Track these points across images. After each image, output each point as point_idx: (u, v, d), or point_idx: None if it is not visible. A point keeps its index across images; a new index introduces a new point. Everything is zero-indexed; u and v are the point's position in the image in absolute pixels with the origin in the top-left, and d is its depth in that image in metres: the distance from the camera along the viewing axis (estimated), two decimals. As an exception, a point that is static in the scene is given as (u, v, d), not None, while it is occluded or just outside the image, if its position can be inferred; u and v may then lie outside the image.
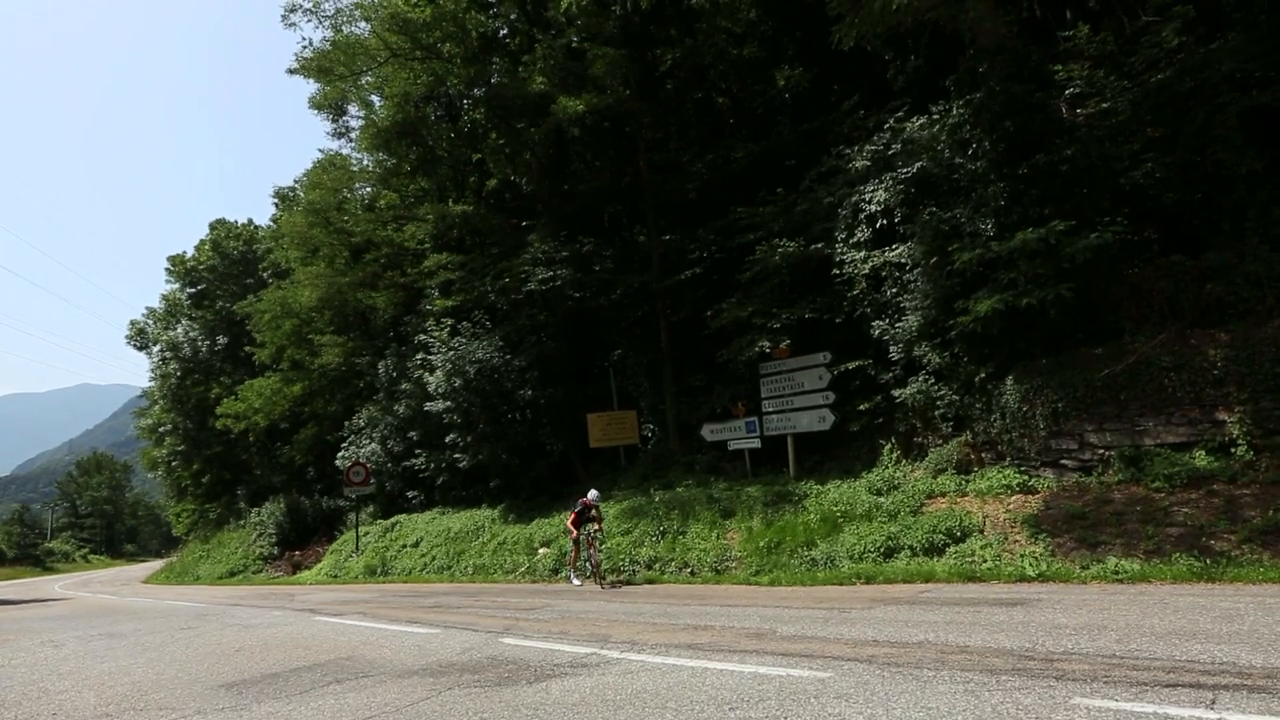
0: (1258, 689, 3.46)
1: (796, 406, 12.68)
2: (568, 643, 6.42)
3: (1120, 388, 8.16)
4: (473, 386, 17.39)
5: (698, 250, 15.31)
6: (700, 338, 15.12)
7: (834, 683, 4.27)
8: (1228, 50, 8.94)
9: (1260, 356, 7.23)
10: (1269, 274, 7.55)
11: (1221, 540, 6.72)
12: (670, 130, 19.33)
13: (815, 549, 9.72)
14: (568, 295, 17.12)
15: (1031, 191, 9.01)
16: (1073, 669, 4.09)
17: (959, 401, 9.90)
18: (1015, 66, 9.97)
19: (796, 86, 17.58)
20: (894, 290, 10.93)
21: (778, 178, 14.58)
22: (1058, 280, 8.39)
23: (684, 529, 11.86)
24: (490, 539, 16.32)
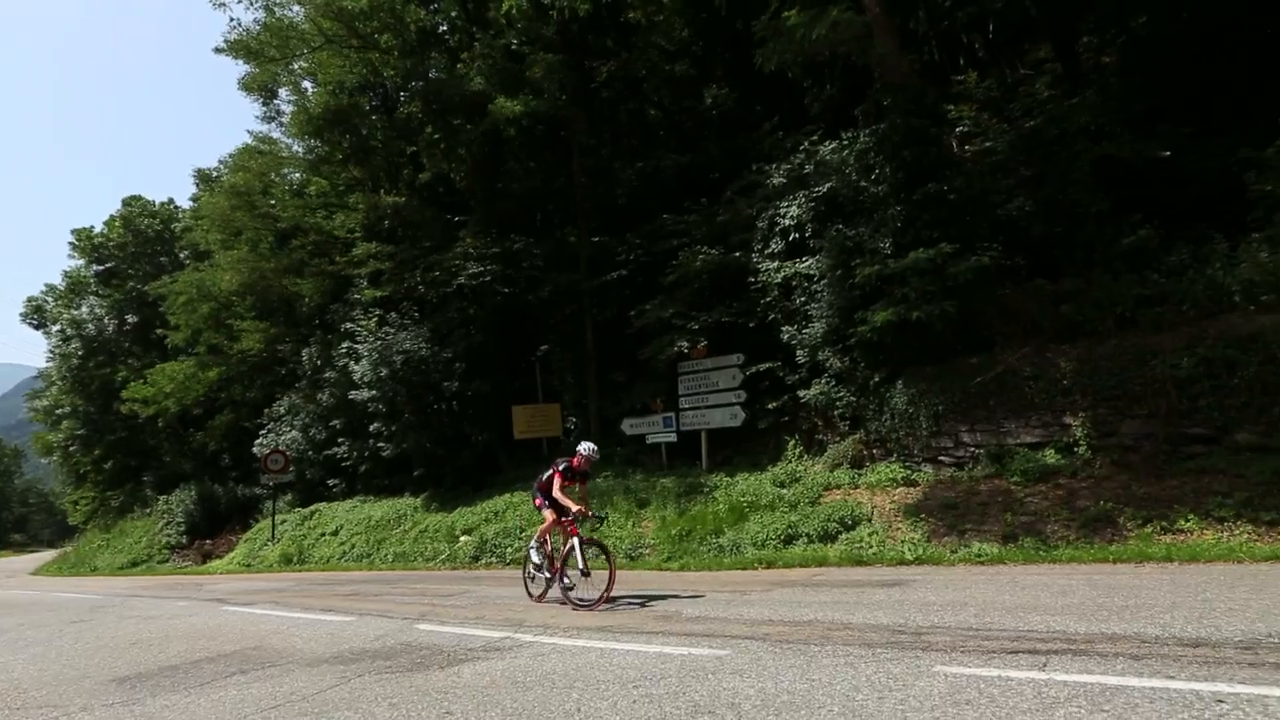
0: (1080, 652, 3.83)
1: (711, 404, 12.97)
2: (483, 628, 6.31)
3: (990, 394, 8.84)
4: (399, 377, 16.75)
5: (625, 253, 15.36)
6: (623, 336, 15.19)
7: (731, 659, 4.40)
8: (1085, 105, 9.84)
9: (1100, 370, 8.01)
10: (1109, 300, 8.37)
11: (1062, 527, 7.39)
12: (604, 137, 19.31)
13: (723, 537, 9.97)
14: (497, 291, 16.77)
15: (924, 216, 9.58)
16: (937, 641, 4.39)
17: (856, 403, 10.43)
18: (914, 103, 10.56)
19: (723, 105, 17.95)
20: (803, 299, 11.37)
21: (703, 189, 14.85)
22: (943, 297, 8.97)
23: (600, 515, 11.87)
24: (412, 527, 15.79)
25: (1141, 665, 3.52)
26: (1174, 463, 7.49)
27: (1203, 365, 7.34)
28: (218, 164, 33.12)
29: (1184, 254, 8.25)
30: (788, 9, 10.04)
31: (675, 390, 13.69)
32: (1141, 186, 9.41)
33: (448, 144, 20.21)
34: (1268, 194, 8.05)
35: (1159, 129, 9.40)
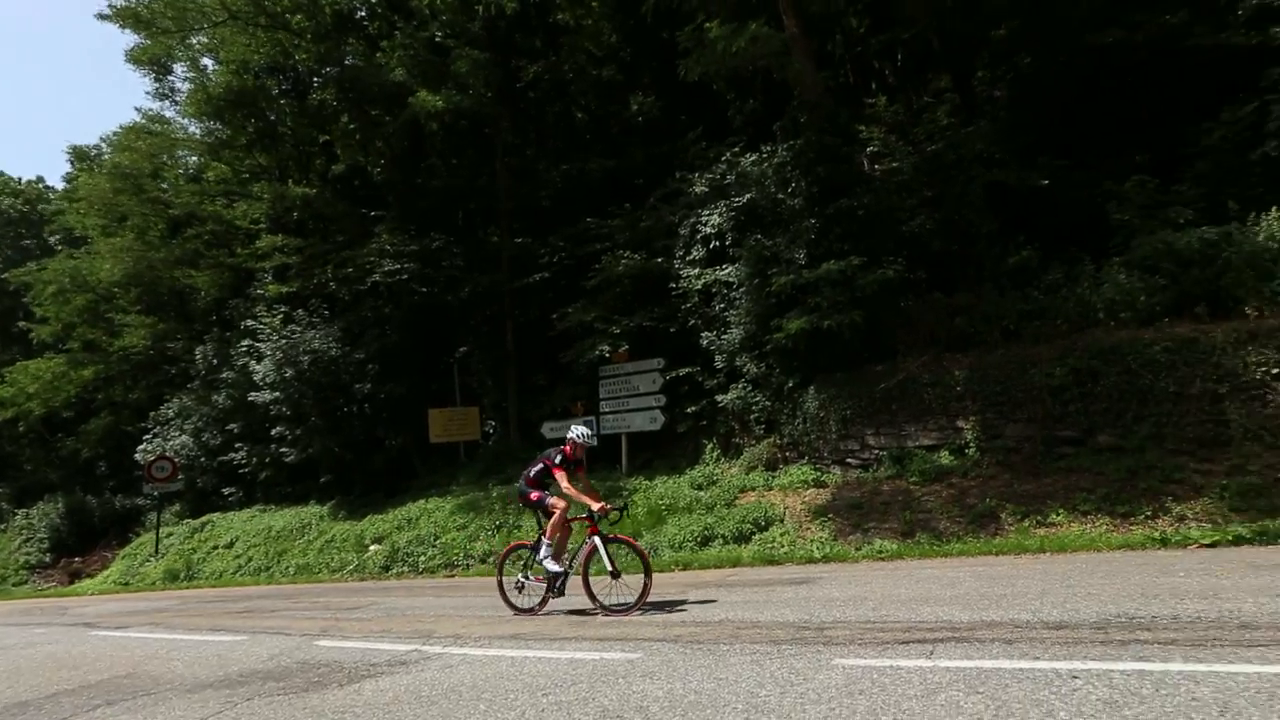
0: (963, 639, 4.12)
1: (631, 408, 13.06)
2: (389, 641, 6.04)
3: (893, 399, 9.38)
4: (306, 377, 15.84)
5: (548, 255, 15.24)
6: (545, 339, 15.05)
7: (642, 662, 4.43)
8: (979, 134, 10.66)
9: (988, 378, 8.69)
10: (997, 313, 9.11)
11: (953, 523, 7.96)
12: (529, 138, 19.09)
13: (641, 539, 10.01)
14: (415, 290, 16.21)
15: (836, 229, 10.07)
16: (838, 635, 4.60)
17: (770, 407, 10.81)
18: (829, 121, 11.09)
19: (649, 112, 18.17)
20: (722, 306, 11.67)
21: (627, 194, 14.96)
22: (852, 307, 9.45)
23: (519, 523, 11.68)
24: (317, 537, 14.92)
25: (1013, 649, 3.83)
26: (1048, 462, 8.22)
27: (1072, 375, 8.11)
28: (99, 141, 30.20)
29: (1059, 274, 9.09)
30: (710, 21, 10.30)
31: (596, 394, 13.69)
32: (1025, 211, 10.31)
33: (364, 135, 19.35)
34: (1126, 223, 9.03)
35: (1040, 160, 10.32)
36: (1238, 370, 7.35)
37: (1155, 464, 7.47)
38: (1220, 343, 7.50)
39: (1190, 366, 7.57)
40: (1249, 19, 9.14)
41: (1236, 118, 8.85)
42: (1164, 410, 7.66)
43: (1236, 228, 8.08)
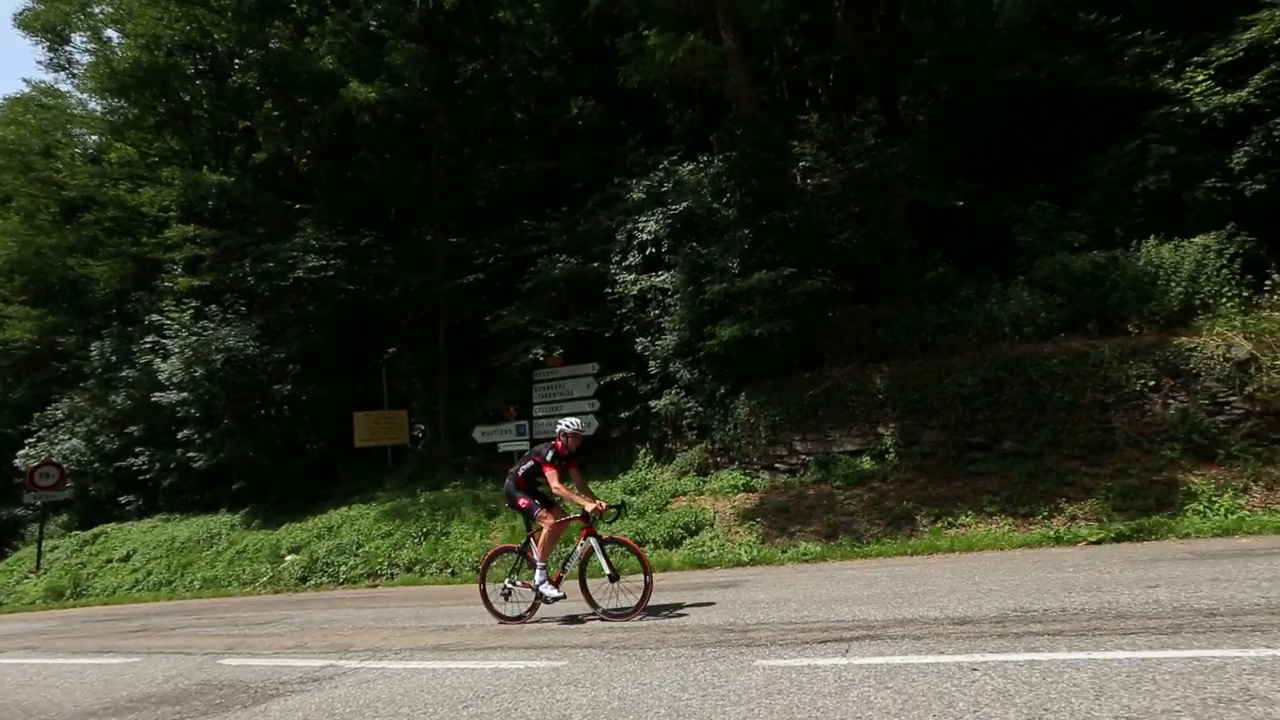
0: (877, 637, 4.31)
1: (565, 412, 12.83)
2: (302, 656, 5.74)
3: (819, 406, 9.74)
4: (219, 377, 14.88)
5: (483, 256, 14.96)
6: (478, 341, 14.74)
7: (567, 670, 4.39)
8: (902, 155, 11.25)
9: (907, 386, 9.16)
10: (915, 325, 9.63)
11: (873, 525, 8.32)
12: (467, 136, 18.70)
13: (569, 545, 9.96)
14: (342, 287, 15.53)
15: (768, 240, 10.37)
16: (761, 636, 4.71)
17: (703, 413, 10.99)
18: (763, 135, 11.40)
19: (589, 117, 18.17)
20: (657, 312, 11.78)
21: (565, 197, 14.88)
22: (783, 316, 9.74)
23: (448, 529, 11.38)
24: (227, 547, 14.01)
25: (922, 644, 4.03)
26: (959, 467, 8.73)
27: (981, 385, 8.66)
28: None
29: (971, 290, 9.70)
30: (650, 30, 10.42)
31: (530, 398, 13.53)
32: (942, 230, 10.94)
33: (290, 123, 18.41)
34: (1029, 244, 9.75)
35: (956, 182, 11.00)
36: (1121, 382, 8.05)
37: (1052, 468, 8.06)
38: (1107, 357, 8.20)
39: (1082, 378, 8.23)
40: (1133, 65, 10.06)
41: (1122, 154, 9.72)
42: (1060, 418, 8.29)
43: (1122, 253, 8.86)
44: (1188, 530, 6.62)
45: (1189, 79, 9.60)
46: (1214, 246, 8.43)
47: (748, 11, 10.96)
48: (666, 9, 10.87)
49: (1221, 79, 9.44)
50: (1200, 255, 8.42)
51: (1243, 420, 7.51)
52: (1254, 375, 7.55)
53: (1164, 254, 8.59)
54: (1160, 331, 8.35)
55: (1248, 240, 8.49)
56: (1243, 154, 9.16)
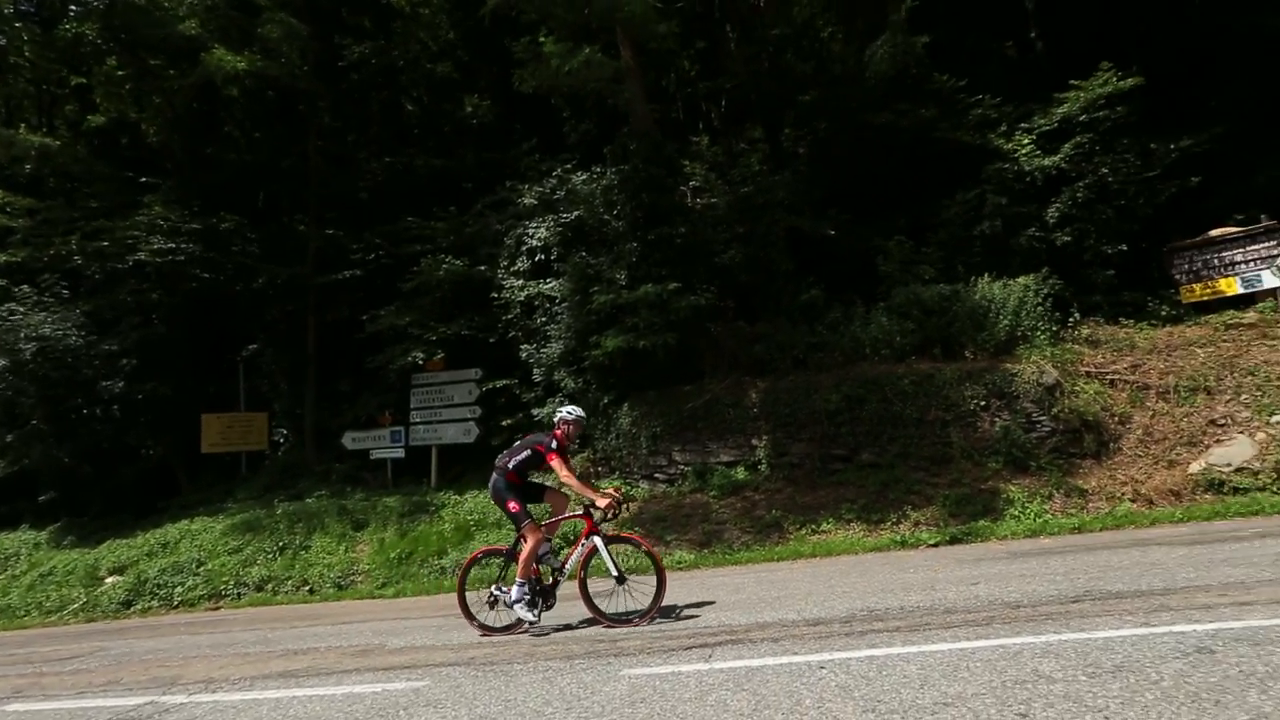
0: (739, 641, 4.49)
1: (444, 419, 12.48)
2: (115, 694, 5.02)
3: (698, 418, 10.06)
4: (28, 370, 12.78)
5: (362, 251, 14.07)
6: (353, 342, 13.82)
7: (428, 690, 4.18)
8: (782, 183, 11.98)
9: (779, 401, 9.71)
10: (789, 343, 10.26)
11: (743, 533, 8.70)
12: (351, 123, 17.54)
13: (446, 558, 9.57)
14: (194, 275, 13.96)
15: (656, 254, 10.60)
16: (630, 645, 4.75)
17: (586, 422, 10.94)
18: (656, 152, 11.69)
19: (484, 117, 17.74)
20: (543, 319, 11.65)
21: (454, 197, 14.37)
22: (667, 329, 9.98)
23: (308, 543, 10.51)
24: (27, 570, 12.02)
25: (779, 646, 4.25)
26: (823, 477, 9.36)
27: (844, 401, 9.36)
28: None
29: (838, 313, 10.49)
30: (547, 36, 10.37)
31: (407, 403, 12.86)
32: (815, 255, 11.77)
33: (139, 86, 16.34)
34: (889, 274, 10.73)
35: (829, 212, 11.88)
36: (959, 401, 9.03)
37: (901, 478, 8.85)
38: (948, 379, 9.17)
39: (928, 397, 9.14)
40: (975, 124, 11.44)
41: (965, 200, 11.00)
42: (909, 433, 9.13)
43: (963, 287, 9.98)
44: (1005, 533, 7.51)
45: (1017, 141, 11.07)
46: (1032, 286, 9.72)
47: (645, 31, 11.23)
48: (566, 18, 10.88)
49: (1042, 144, 10.97)
50: (1022, 293, 9.68)
51: (1049, 437, 8.68)
52: (1058, 398, 8.77)
53: (995, 290, 9.78)
54: (990, 358, 9.48)
55: (1057, 283, 9.89)
56: (1055, 209, 10.68)
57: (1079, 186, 10.54)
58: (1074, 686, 3.03)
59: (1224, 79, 11.71)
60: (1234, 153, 10.83)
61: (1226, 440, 8.01)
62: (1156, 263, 10.74)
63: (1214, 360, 8.87)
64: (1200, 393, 8.58)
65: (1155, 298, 10.67)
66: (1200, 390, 8.60)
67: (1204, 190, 10.68)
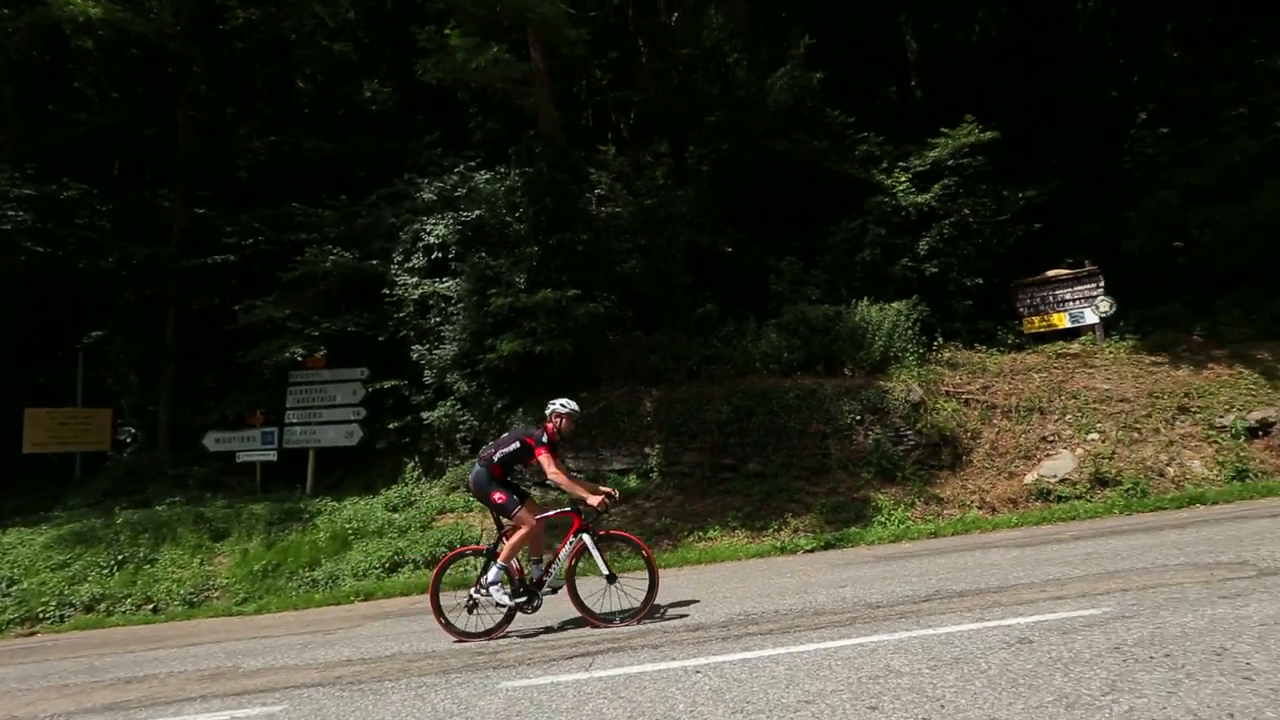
0: (620, 649, 4.51)
1: (324, 420, 11.65)
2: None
3: (593, 425, 10.07)
4: None
5: (238, 235, 12.91)
6: (222, 333, 12.60)
7: (284, 715, 3.87)
8: (685, 199, 12.31)
9: (673, 411, 9.94)
10: (684, 354, 10.55)
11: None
12: (231, 94, 16.09)
13: (319, 569, 8.91)
14: (25, 247, 12.18)
15: (557, 260, 10.54)
16: (510, 656, 4.64)
17: (479, 426, 10.66)
18: (562, 157, 11.65)
19: (384, 104, 16.86)
20: (438, 319, 11.22)
21: (346, 185, 13.54)
22: (564, 335, 9.93)
23: (154, 556, 9.40)
24: None
25: (658, 653, 4.32)
26: (712, 485, 9.66)
27: (734, 412, 9.73)
28: None
29: (732, 327, 10.92)
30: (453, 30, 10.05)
31: (282, 402, 11.89)
32: (713, 270, 12.18)
33: (-41, 25, 14.05)
34: (779, 293, 11.32)
35: (728, 230, 12.36)
36: (838, 415, 9.65)
37: (784, 487, 9.31)
38: (829, 394, 9.78)
39: (810, 411, 9.70)
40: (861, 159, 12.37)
41: (849, 228, 11.84)
42: (792, 444, 9.64)
43: (845, 309, 10.72)
44: (873, 538, 8.10)
45: (896, 178, 12.07)
46: (904, 311, 10.62)
47: (557, 35, 11.18)
48: (475, 11, 10.60)
49: (916, 182, 12.03)
50: (895, 317, 10.54)
51: (914, 450, 9.48)
52: (923, 415, 9.60)
53: (872, 314, 10.58)
54: (866, 375, 10.22)
55: (925, 309, 10.87)
56: (925, 243, 11.74)
57: (945, 224, 11.66)
58: (918, 679, 3.30)
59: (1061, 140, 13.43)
60: (1068, 205, 12.43)
61: (1053, 455, 9.13)
62: (1005, 296, 12.07)
63: (1047, 384, 10.08)
64: (1035, 413, 9.72)
65: (1003, 327, 11.98)
66: (1035, 410, 9.73)
67: (1044, 235, 12.16)
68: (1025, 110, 13.58)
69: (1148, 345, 10.71)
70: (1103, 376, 10.15)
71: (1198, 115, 11.49)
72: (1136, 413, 9.38)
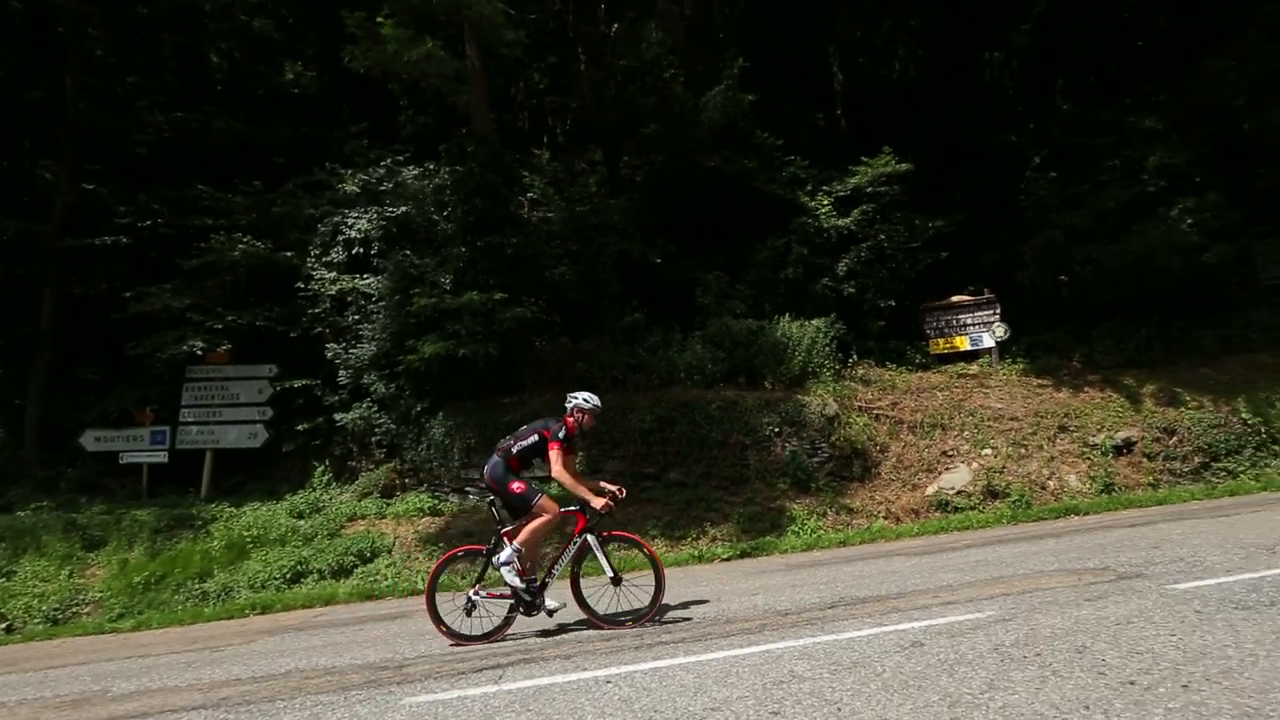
0: (532, 660, 4.44)
1: (226, 419, 10.87)
2: None
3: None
4: None
5: (133, 216, 11.86)
6: (108, 322, 11.53)
7: (158, 741, 3.55)
8: (617, 208, 12.38)
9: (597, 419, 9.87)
10: (610, 363, 10.57)
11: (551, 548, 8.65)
12: (133, 62, 14.84)
13: (211, 580, 8.29)
14: None
15: (485, 262, 10.32)
16: (417, 671, 4.46)
17: (395, 430, 10.25)
18: (494, 158, 11.44)
19: (307, 87, 16.04)
20: (356, 317, 10.73)
21: (261, 170, 12.76)
22: (489, 339, 9.72)
23: (12, 568, 8.44)
24: None
25: (570, 663, 4.27)
26: (634, 494, 9.67)
27: (658, 422, 9.83)
28: None
29: (658, 337, 11.05)
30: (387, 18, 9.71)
31: (177, 399, 11.00)
32: (641, 280, 12.28)
33: None
34: (705, 305, 11.56)
35: (658, 241, 12.50)
36: (758, 427, 9.94)
37: (704, 496, 9.47)
38: (750, 406, 10.06)
39: (731, 422, 9.93)
40: (787, 181, 12.87)
41: (775, 246, 12.27)
42: (713, 454, 9.83)
43: (767, 324, 11.07)
44: (787, 547, 8.37)
45: (819, 201, 12.62)
46: (823, 329, 11.09)
47: (494, 35, 11.01)
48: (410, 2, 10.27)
49: (837, 206, 12.62)
50: (814, 334, 10.99)
51: (827, 461, 9.89)
52: (837, 428, 10.04)
53: (793, 330, 10.98)
54: (786, 389, 10.59)
55: (842, 327, 11.39)
56: (844, 264, 12.32)
57: (863, 247, 12.29)
58: (819, 684, 3.43)
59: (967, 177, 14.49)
60: (971, 236, 13.39)
61: (952, 468, 9.76)
62: (914, 318, 12.85)
63: (948, 402, 10.79)
64: (938, 428, 10.37)
65: (912, 347, 12.73)
66: (938, 426, 10.39)
67: (950, 263, 13.04)
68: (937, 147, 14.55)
69: (1035, 369, 11.68)
70: (996, 396, 10.96)
71: (1082, 164, 12.68)
72: (1024, 430, 10.19)
